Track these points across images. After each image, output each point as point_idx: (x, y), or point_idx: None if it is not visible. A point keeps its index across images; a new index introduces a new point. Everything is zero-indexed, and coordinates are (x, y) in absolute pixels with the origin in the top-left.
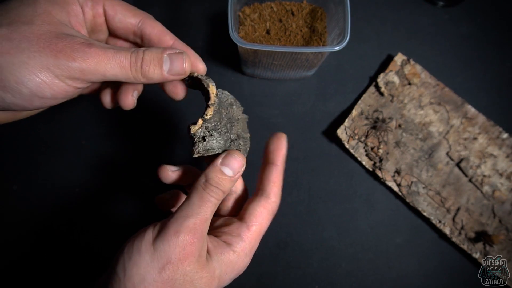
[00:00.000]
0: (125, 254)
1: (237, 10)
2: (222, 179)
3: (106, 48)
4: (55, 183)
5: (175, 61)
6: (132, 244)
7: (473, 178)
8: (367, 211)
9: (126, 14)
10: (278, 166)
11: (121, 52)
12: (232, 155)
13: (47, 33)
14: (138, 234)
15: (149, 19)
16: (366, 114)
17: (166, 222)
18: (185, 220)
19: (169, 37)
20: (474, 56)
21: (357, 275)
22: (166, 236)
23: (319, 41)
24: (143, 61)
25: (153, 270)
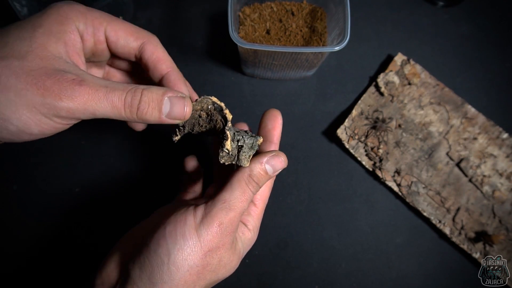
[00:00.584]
0: (167, 238)
1: (237, 10)
2: (263, 176)
3: (98, 87)
4: (54, 183)
5: (176, 105)
6: (174, 229)
7: (473, 178)
8: (367, 211)
9: (129, 38)
10: (275, 143)
11: (115, 91)
12: (278, 156)
13: (37, 70)
14: (177, 219)
15: (150, 44)
16: (366, 114)
17: (209, 211)
18: (228, 213)
19: (165, 66)
20: (474, 56)
21: (357, 275)
22: (210, 226)
23: (319, 41)
24: (141, 102)
25: (196, 255)
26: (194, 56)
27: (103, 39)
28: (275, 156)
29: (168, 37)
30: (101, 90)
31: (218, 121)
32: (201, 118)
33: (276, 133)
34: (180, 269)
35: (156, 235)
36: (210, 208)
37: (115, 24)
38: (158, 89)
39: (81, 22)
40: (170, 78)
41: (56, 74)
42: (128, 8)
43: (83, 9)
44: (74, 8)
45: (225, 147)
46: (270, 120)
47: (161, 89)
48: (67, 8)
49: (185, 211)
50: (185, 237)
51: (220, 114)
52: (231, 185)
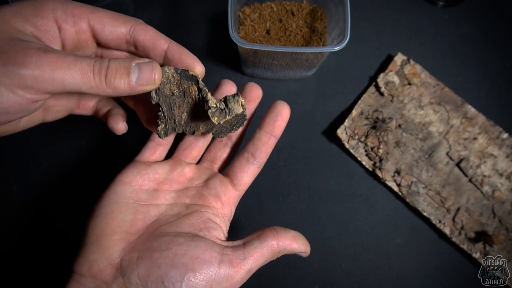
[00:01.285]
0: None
1: (237, 10)
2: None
3: (66, 55)
4: (55, 183)
5: (144, 70)
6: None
7: (473, 178)
8: (367, 211)
9: (115, 24)
10: (277, 138)
11: (84, 59)
12: (303, 245)
13: (0, 41)
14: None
15: (140, 25)
16: (366, 114)
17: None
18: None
19: (163, 41)
20: (474, 56)
21: (357, 275)
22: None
23: (319, 41)
24: (109, 69)
25: None
26: None
27: (86, 28)
28: (300, 244)
29: (168, 37)
30: (69, 57)
31: (190, 87)
32: (174, 94)
33: (281, 128)
34: None
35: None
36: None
37: (99, 12)
38: (125, 57)
39: (59, 11)
40: (174, 49)
41: (19, 43)
42: (128, 8)
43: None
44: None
45: (209, 102)
46: (281, 116)
47: (128, 58)
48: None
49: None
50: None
51: (188, 78)
52: (262, 251)
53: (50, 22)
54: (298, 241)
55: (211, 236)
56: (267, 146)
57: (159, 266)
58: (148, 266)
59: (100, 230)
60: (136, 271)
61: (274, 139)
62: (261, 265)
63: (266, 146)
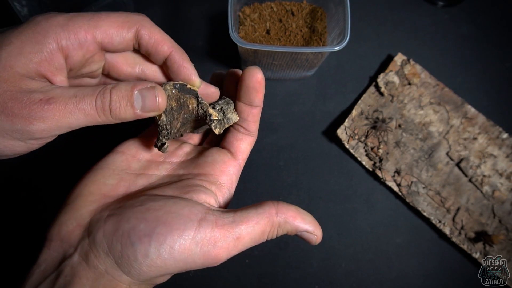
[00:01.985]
0: (166, 238)
1: (237, 10)
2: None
3: (67, 100)
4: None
5: (147, 97)
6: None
7: (473, 178)
8: (367, 211)
9: (122, 32)
10: (259, 106)
11: (85, 99)
12: (315, 230)
13: (2, 94)
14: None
15: (144, 28)
16: (366, 114)
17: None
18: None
19: (166, 47)
20: (474, 56)
21: (357, 275)
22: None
23: (319, 41)
24: (111, 102)
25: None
26: (194, 56)
27: (93, 47)
28: (311, 221)
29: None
30: (71, 102)
31: (188, 101)
32: (173, 109)
33: (261, 97)
34: (153, 271)
35: (151, 223)
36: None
37: (103, 24)
38: (126, 84)
39: (63, 40)
40: (175, 58)
41: (22, 97)
42: (128, 8)
43: (63, 21)
44: (53, 23)
45: (212, 117)
46: (254, 83)
47: (129, 84)
48: (45, 24)
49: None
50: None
51: (186, 92)
52: (258, 220)
53: (54, 54)
54: (304, 217)
55: (198, 198)
56: (252, 115)
57: (128, 220)
58: (116, 222)
59: (77, 192)
60: (102, 228)
61: (257, 108)
62: (256, 237)
63: (251, 115)
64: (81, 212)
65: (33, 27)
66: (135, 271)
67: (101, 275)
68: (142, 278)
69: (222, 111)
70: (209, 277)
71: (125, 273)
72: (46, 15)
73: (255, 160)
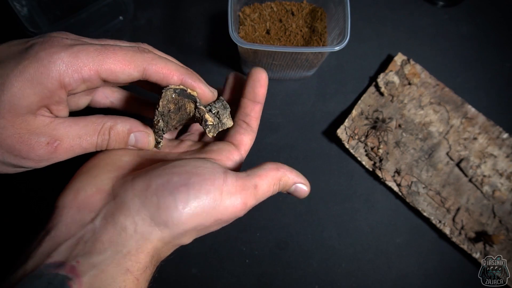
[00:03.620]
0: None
1: (237, 10)
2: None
3: (72, 140)
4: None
5: (140, 140)
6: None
7: (473, 178)
8: (367, 211)
9: (128, 71)
10: (261, 103)
11: (87, 139)
12: (305, 185)
13: (11, 137)
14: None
15: (151, 65)
16: (366, 114)
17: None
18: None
19: (176, 77)
20: (474, 56)
21: (357, 275)
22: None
23: (319, 41)
24: (110, 141)
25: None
26: (194, 56)
27: (97, 81)
28: (303, 184)
29: (168, 37)
30: (75, 143)
31: (186, 104)
32: (171, 111)
33: (263, 94)
34: (191, 221)
35: (179, 176)
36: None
37: (109, 62)
38: (123, 126)
39: (66, 77)
40: (187, 83)
41: (29, 141)
42: (128, 8)
43: (67, 58)
44: (56, 61)
45: (207, 122)
46: (258, 82)
47: (126, 126)
48: (47, 62)
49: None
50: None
51: (185, 96)
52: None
53: (55, 91)
54: (296, 172)
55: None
56: (255, 111)
57: (160, 176)
58: (146, 180)
59: (92, 163)
60: (131, 188)
61: (259, 105)
62: (267, 188)
63: (254, 111)
64: (101, 178)
65: (35, 64)
66: (175, 221)
67: (130, 236)
68: (176, 231)
69: (218, 115)
70: (209, 277)
71: (161, 224)
72: (49, 48)
73: (255, 160)
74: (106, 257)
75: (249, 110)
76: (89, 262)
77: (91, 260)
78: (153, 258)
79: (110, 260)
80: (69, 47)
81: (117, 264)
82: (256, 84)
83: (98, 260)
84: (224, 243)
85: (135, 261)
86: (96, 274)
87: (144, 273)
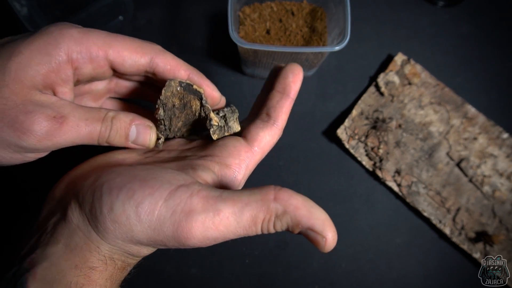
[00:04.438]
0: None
1: (237, 10)
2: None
3: (79, 122)
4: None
5: (141, 134)
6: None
7: (473, 178)
8: (367, 211)
9: (135, 57)
10: (292, 98)
11: (93, 123)
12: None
13: (13, 108)
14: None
15: (159, 55)
16: (366, 114)
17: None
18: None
19: (183, 71)
20: (474, 56)
21: (357, 275)
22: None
23: (319, 41)
24: (112, 130)
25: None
26: (194, 56)
27: (104, 63)
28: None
29: (168, 37)
30: (82, 124)
31: (192, 101)
32: (175, 106)
33: (296, 88)
34: (118, 230)
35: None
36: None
37: (117, 44)
38: (125, 116)
39: (74, 51)
40: (194, 80)
41: (34, 113)
42: (128, 8)
43: (77, 34)
44: (66, 35)
45: (212, 121)
46: (292, 73)
47: (128, 117)
48: (58, 35)
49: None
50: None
51: (191, 92)
52: (250, 202)
53: (62, 65)
54: (311, 210)
55: (194, 175)
56: (282, 104)
57: (109, 173)
58: (97, 176)
59: (86, 163)
60: (83, 182)
61: (289, 99)
62: (244, 222)
63: (280, 103)
64: (76, 173)
65: (45, 37)
66: (101, 226)
67: (74, 231)
68: (108, 238)
69: (225, 118)
70: (209, 277)
71: (93, 228)
72: (60, 26)
73: None
74: (58, 249)
75: (275, 101)
76: (43, 254)
77: (45, 252)
78: (103, 260)
79: (61, 254)
80: (80, 27)
81: (67, 259)
82: (288, 75)
83: (50, 252)
84: (224, 243)
85: (81, 257)
86: (48, 266)
87: (97, 272)
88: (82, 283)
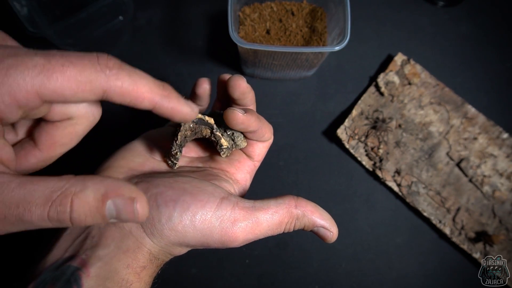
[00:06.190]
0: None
1: (237, 10)
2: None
3: (6, 208)
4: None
5: (123, 211)
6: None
7: (473, 178)
8: (367, 211)
9: (81, 93)
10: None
11: (34, 211)
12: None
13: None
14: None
15: (113, 88)
16: (366, 114)
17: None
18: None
19: (148, 101)
20: (474, 56)
21: (357, 275)
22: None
23: (319, 41)
24: (73, 213)
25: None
26: (194, 56)
27: (39, 105)
28: (327, 223)
29: (168, 37)
30: (10, 215)
31: (203, 130)
32: (187, 137)
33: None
34: (173, 237)
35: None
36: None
37: (56, 83)
38: (95, 190)
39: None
40: (162, 109)
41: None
42: (128, 8)
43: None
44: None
45: (223, 146)
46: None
47: (99, 190)
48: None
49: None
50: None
51: (203, 123)
52: (276, 211)
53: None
54: (321, 213)
55: (220, 184)
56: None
57: (157, 186)
58: (145, 187)
59: (107, 165)
60: None
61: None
62: (274, 226)
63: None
64: None
65: None
66: (158, 233)
67: (126, 235)
68: (162, 242)
69: (233, 137)
70: (209, 277)
71: (148, 235)
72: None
73: None
74: (110, 251)
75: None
76: (95, 255)
77: (97, 253)
78: (151, 260)
79: (113, 254)
80: (5, 59)
81: (119, 259)
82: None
83: (103, 253)
84: None
85: (134, 259)
86: (101, 266)
87: (145, 270)
88: (132, 280)
